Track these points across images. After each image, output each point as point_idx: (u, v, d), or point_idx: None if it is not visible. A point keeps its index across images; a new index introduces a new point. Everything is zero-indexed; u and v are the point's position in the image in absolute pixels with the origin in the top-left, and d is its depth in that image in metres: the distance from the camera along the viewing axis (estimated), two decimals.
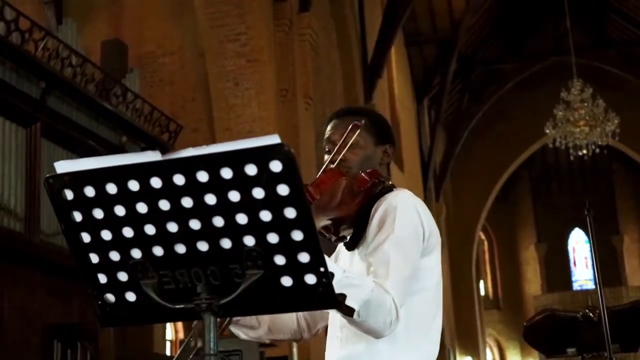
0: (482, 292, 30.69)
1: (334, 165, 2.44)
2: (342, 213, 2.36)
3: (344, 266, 2.39)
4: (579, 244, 33.19)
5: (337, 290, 2.00)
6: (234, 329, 2.55)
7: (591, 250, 3.64)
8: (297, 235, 1.63)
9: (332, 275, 1.70)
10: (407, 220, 2.32)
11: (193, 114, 12.94)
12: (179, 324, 13.72)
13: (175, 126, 11.12)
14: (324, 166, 2.45)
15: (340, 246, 2.51)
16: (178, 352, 2.35)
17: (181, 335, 13.61)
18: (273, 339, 2.68)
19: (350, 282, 2.07)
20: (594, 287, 30.58)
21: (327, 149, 2.55)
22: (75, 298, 8.51)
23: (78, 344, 6.54)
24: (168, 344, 13.39)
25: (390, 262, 2.22)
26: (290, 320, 2.67)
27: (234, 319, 2.50)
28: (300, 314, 2.68)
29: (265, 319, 2.59)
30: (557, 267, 32.55)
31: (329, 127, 2.59)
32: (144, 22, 13.73)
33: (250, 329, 2.57)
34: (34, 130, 8.28)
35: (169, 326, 13.70)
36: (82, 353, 6.52)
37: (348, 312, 2.10)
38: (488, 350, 30.66)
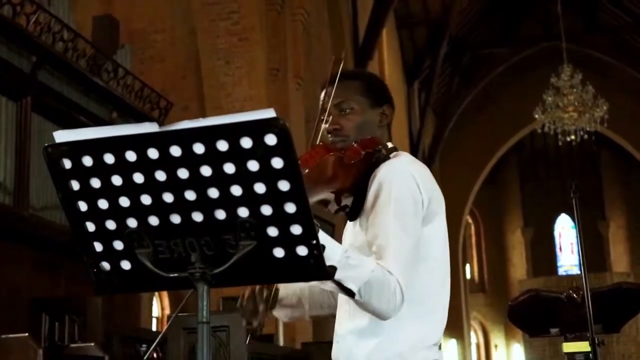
0: (468, 276, 30.84)
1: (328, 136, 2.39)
2: (338, 185, 2.28)
3: (349, 238, 2.36)
4: (565, 229, 33.37)
5: (337, 272, 2.01)
6: (276, 312, 2.50)
7: (576, 232, 3.70)
8: (290, 208, 1.67)
9: (323, 247, 1.72)
10: (403, 191, 2.22)
11: (184, 92, 12.94)
12: (166, 302, 13.77)
13: (165, 103, 11.12)
14: (319, 132, 2.39)
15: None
16: None
17: (167, 311, 13.65)
18: (312, 316, 2.59)
19: (349, 263, 2.03)
20: (579, 272, 30.73)
21: (321, 118, 2.43)
22: (63, 272, 8.54)
23: (66, 318, 6.56)
24: (154, 321, 13.44)
25: (390, 241, 2.16)
26: (325, 296, 2.57)
27: (278, 298, 2.47)
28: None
29: (305, 295, 2.52)
30: (543, 252, 32.72)
31: (322, 95, 2.46)
32: None
33: (292, 308, 2.52)
34: (25, 105, 8.26)
35: (156, 303, 13.75)
36: (70, 326, 6.53)
37: (349, 293, 2.07)
38: (473, 333, 30.86)
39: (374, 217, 2.23)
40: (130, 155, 1.68)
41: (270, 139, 1.62)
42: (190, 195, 1.70)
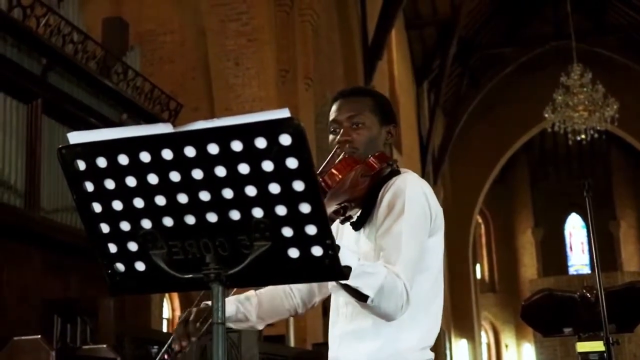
0: (478, 276, 30.79)
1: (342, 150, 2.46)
2: (350, 196, 2.40)
3: (350, 245, 2.43)
4: (575, 229, 33.28)
5: (352, 279, 2.09)
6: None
7: (588, 231, 3.69)
8: (305, 208, 1.66)
9: (338, 248, 1.73)
10: (416, 203, 2.36)
11: (193, 93, 12.94)
12: (176, 303, 13.78)
13: (175, 105, 11.14)
14: (334, 149, 2.47)
15: (345, 225, 2.53)
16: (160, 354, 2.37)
17: (178, 313, 13.67)
18: (265, 324, 2.69)
19: (365, 270, 2.13)
20: (589, 272, 30.70)
21: (332, 129, 2.55)
22: (74, 274, 8.56)
23: (78, 319, 6.58)
24: (165, 322, 13.45)
25: (401, 247, 2.28)
26: (281, 302, 2.69)
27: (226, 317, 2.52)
28: (295, 291, 2.70)
29: (252, 312, 2.61)
30: (554, 252, 32.63)
31: (334, 108, 2.57)
32: (145, 0, 13.70)
33: (239, 322, 2.60)
34: (35, 107, 8.29)
35: (166, 304, 13.76)
36: (82, 328, 6.55)
37: (362, 297, 2.16)
38: (483, 333, 30.80)
39: (388, 226, 2.35)
40: (145, 156, 1.68)
41: (285, 139, 1.61)
42: (204, 195, 1.69)
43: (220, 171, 1.66)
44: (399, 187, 2.39)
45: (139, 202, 1.73)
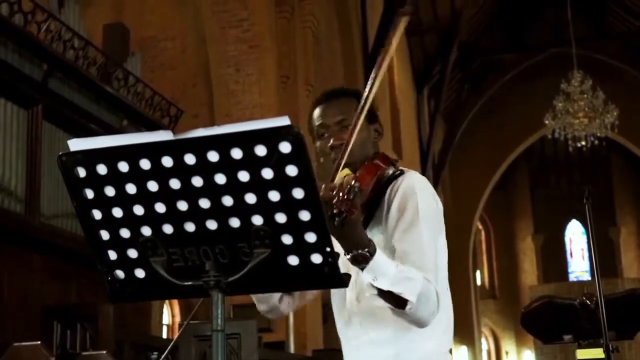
0: (479, 282, 30.74)
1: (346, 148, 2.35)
2: (362, 201, 2.31)
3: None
4: (575, 235, 33.23)
5: (394, 285, 2.08)
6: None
7: (588, 237, 3.70)
8: (305, 216, 1.67)
9: (338, 255, 1.72)
10: (427, 205, 2.33)
11: (194, 99, 12.95)
12: (176, 310, 13.77)
13: (176, 111, 11.14)
14: (330, 155, 2.39)
15: None
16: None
17: (178, 319, 13.66)
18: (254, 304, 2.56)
19: (406, 276, 2.12)
20: (590, 278, 30.64)
21: (320, 134, 2.47)
22: (74, 280, 8.55)
23: (78, 325, 6.57)
24: (165, 328, 13.44)
25: (425, 251, 2.25)
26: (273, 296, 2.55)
27: None
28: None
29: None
30: (554, 258, 32.58)
31: (317, 112, 2.49)
32: (146, 6, 13.71)
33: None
34: (36, 112, 8.29)
35: (166, 311, 13.75)
36: (82, 334, 6.55)
37: (401, 304, 2.14)
38: (483, 340, 30.75)
39: (404, 229, 2.29)
40: (145, 164, 1.68)
41: (285, 147, 1.62)
42: (204, 203, 1.70)
43: (220, 179, 1.66)
44: (408, 188, 2.34)
45: (139, 210, 1.74)
